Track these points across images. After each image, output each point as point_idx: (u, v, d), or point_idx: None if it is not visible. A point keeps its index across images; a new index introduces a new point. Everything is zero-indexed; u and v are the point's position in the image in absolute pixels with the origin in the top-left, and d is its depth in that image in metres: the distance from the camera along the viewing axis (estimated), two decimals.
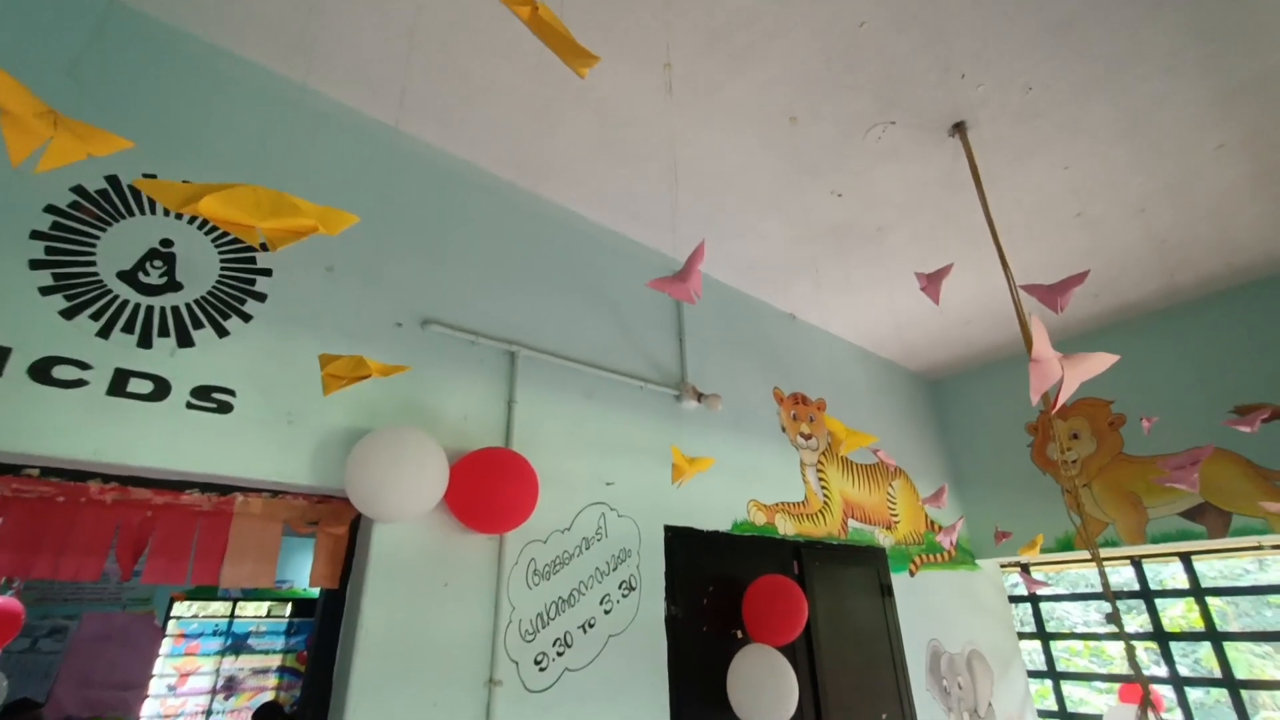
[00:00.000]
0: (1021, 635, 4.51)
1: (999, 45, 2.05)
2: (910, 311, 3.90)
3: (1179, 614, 4.14)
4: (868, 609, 3.34)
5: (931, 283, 1.80)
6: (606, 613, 2.22)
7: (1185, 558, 3.98)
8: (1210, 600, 3.90)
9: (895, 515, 3.89)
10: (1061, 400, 1.15)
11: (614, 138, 2.42)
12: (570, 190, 2.72)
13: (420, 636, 1.78)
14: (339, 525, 1.85)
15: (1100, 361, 1.10)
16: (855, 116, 2.34)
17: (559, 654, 2.04)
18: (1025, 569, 4.57)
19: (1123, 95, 2.26)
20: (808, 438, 3.50)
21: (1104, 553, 4.05)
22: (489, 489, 1.88)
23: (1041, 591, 4.40)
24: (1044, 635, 4.47)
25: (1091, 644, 5.14)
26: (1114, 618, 1.69)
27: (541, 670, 1.98)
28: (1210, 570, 3.90)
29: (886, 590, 3.51)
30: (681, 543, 2.58)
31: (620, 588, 2.30)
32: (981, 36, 2.02)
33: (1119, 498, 3.93)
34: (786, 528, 3.09)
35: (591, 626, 2.16)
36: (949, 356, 4.61)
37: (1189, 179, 2.70)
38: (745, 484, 3.01)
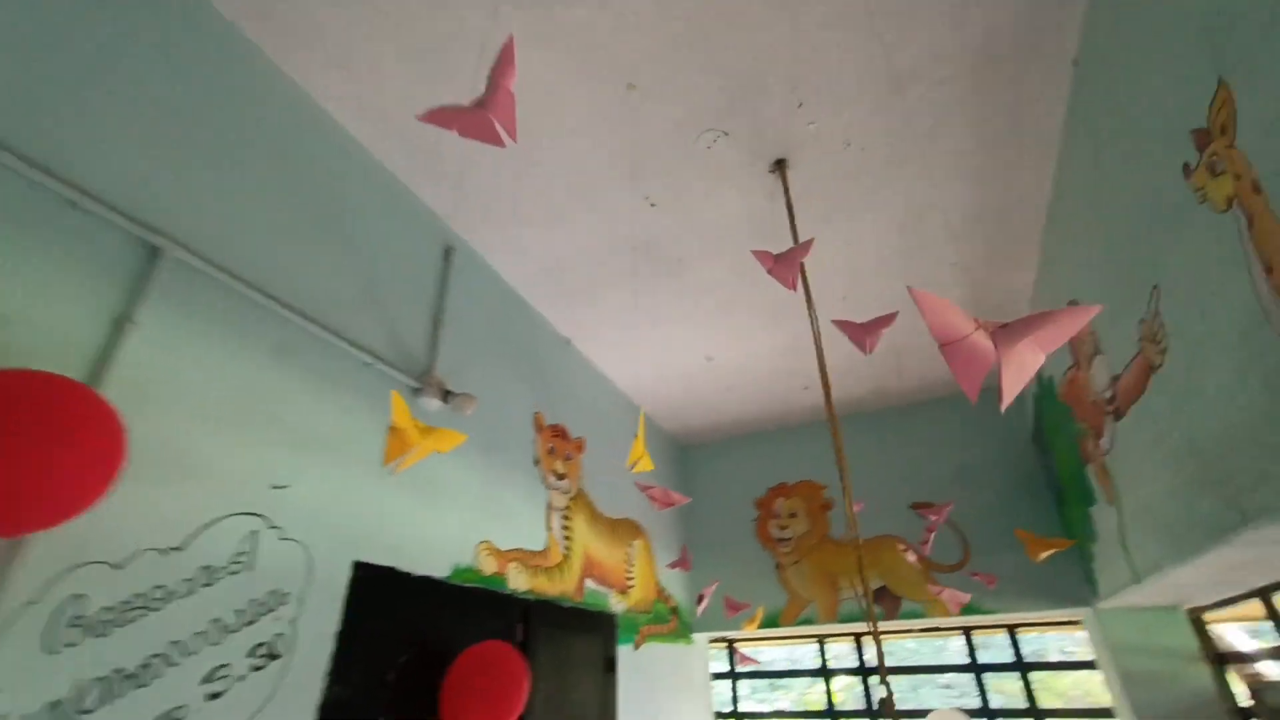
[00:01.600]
0: (719, 715, 4.46)
1: (837, 83, 2.02)
2: (680, 367, 3.80)
3: (837, 688, 4.54)
4: (589, 688, 2.84)
5: (782, 264, 1.53)
6: (213, 697, 1.33)
7: (857, 639, 4.41)
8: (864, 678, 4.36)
9: (631, 579, 3.55)
10: (1011, 392, 0.82)
11: (405, 26, 1.79)
12: (331, 80, 1.96)
13: None
14: None
15: (1074, 316, 0.79)
16: (694, 110, 2.10)
17: None
18: (732, 644, 4.61)
19: (915, 185, 2.43)
20: (561, 478, 3.01)
21: (802, 631, 4.27)
22: None
23: (752, 668, 4.44)
24: (738, 715, 4.48)
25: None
26: (887, 702, 1.48)
27: None
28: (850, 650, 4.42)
29: (610, 665, 3.08)
30: (375, 589, 1.80)
31: (254, 654, 1.43)
32: (827, 64, 1.96)
33: (821, 578, 4.21)
34: (518, 581, 2.48)
35: None
36: (702, 422, 4.64)
37: (926, 289, 3.08)
38: (479, 520, 2.35)
